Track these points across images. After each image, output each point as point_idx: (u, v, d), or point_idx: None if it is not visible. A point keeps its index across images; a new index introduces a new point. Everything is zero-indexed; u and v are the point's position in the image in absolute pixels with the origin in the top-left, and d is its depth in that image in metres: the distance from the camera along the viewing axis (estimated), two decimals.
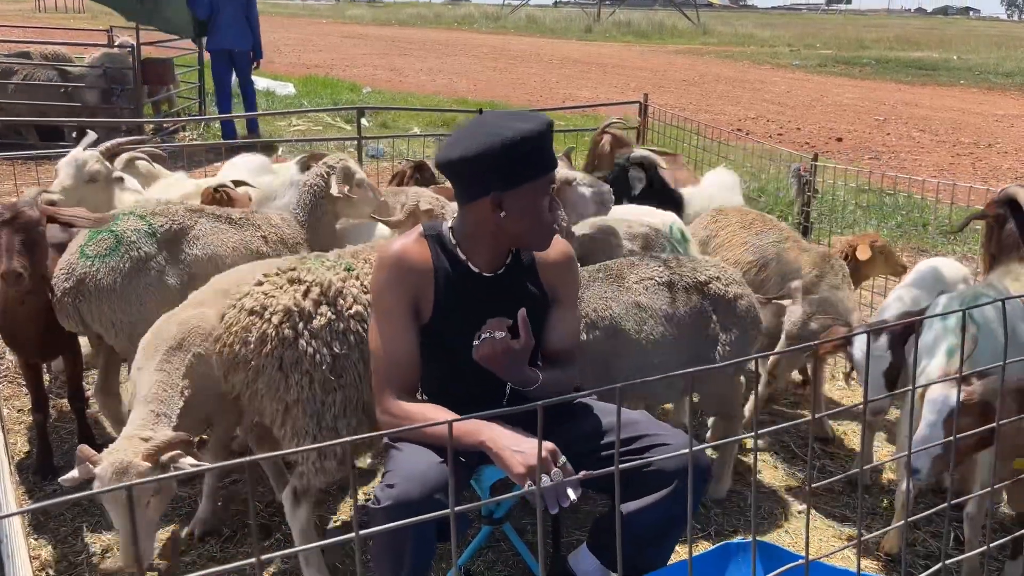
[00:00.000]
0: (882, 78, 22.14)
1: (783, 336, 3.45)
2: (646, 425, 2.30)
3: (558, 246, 2.40)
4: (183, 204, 3.58)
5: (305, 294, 2.54)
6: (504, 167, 2.14)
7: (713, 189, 4.57)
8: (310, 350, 2.49)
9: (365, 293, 2.59)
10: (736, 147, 6.77)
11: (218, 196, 3.96)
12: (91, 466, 2.35)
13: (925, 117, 15.04)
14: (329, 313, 2.54)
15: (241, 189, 4.16)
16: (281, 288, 2.55)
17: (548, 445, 2.03)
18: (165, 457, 2.41)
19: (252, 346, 2.49)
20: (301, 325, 2.50)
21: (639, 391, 3.07)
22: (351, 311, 2.57)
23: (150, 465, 2.36)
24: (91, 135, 4.03)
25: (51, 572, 2.89)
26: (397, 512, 1.97)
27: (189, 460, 2.43)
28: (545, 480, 1.92)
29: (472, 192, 2.20)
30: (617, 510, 1.40)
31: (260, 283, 2.58)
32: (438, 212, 3.59)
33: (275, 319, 2.48)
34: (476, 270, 2.28)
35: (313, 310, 2.53)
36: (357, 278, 2.65)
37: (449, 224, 2.32)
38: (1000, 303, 1.52)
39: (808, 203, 4.88)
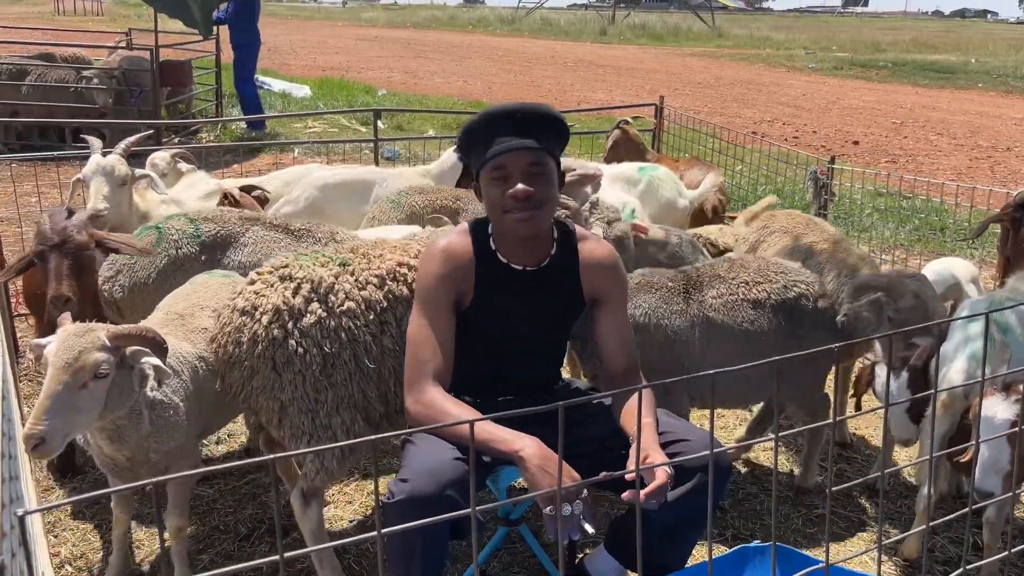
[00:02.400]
0: (899, 81, 22.02)
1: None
2: (666, 423, 2.29)
3: (602, 249, 2.43)
4: (241, 212, 3.60)
5: (295, 291, 2.49)
6: (469, 157, 2.33)
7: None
8: (300, 350, 2.45)
9: (359, 289, 2.55)
10: (752, 150, 6.75)
11: (227, 201, 3.98)
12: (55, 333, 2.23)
13: (943, 120, 14.94)
14: (320, 311, 2.48)
15: (255, 192, 4.19)
16: (271, 286, 2.51)
17: (574, 475, 2.01)
18: (131, 349, 2.27)
19: (245, 347, 2.47)
20: (291, 324, 2.45)
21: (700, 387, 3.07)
22: (343, 307, 2.51)
23: (109, 344, 2.21)
24: (97, 141, 4.06)
25: (70, 569, 2.91)
26: (409, 507, 1.98)
27: (154, 361, 2.28)
28: (566, 508, 1.90)
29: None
30: (638, 512, 1.40)
31: (252, 281, 2.55)
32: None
33: (264, 319, 2.45)
34: (505, 261, 2.33)
35: (303, 308, 2.48)
36: (352, 273, 2.58)
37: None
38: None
39: (825, 206, 4.85)
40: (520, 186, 2.19)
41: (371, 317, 2.54)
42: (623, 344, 2.41)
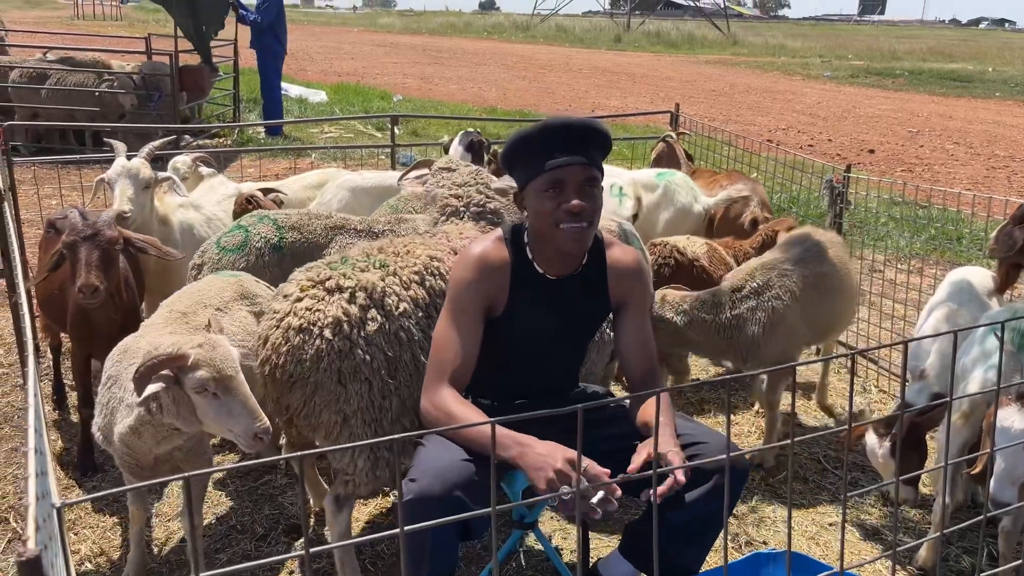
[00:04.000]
0: (915, 90, 21.93)
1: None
2: (682, 426, 2.31)
3: (628, 255, 2.46)
4: (328, 219, 3.58)
5: (350, 300, 2.47)
6: (514, 168, 2.33)
7: None
8: (367, 357, 2.43)
9: (406, 289, 2.57)
10: (766, 158, 6.75)
11: (250, 206, 4.02)
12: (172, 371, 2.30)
13: (959, 130, 14.87)
14: (379, 316, 2.48)
15: (271, 196, 4.23)
16: (322, 300, 2.46)
17: (568, 455, 1.99)
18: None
19: (308, 364, 2.41)
20: (355, 333, 2.43)
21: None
22: (399, 310, 2.52)
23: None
24: (122, 144, 4.12)
25: (89, 566, 2.95)
26: (418, 507, 2.00)
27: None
28: (569, 491, 1.91)
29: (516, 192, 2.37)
30: (655, 513, 1.42)
31: (299, 299, 2.49)
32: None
33: (327, 332, 2.41)
34: (540, 271, 2.37)
35: (363, 316, 2.46)
36: (394, 274, 2.58)
37: (526, 224, 2.41)
38: None
39: (840, 215, 4.85)
40: (576, 201, 2.22)
41: (420, 315, 2.57)
42: (644, 347, 2.44)
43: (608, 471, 1.99)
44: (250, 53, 11.49)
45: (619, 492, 1.96)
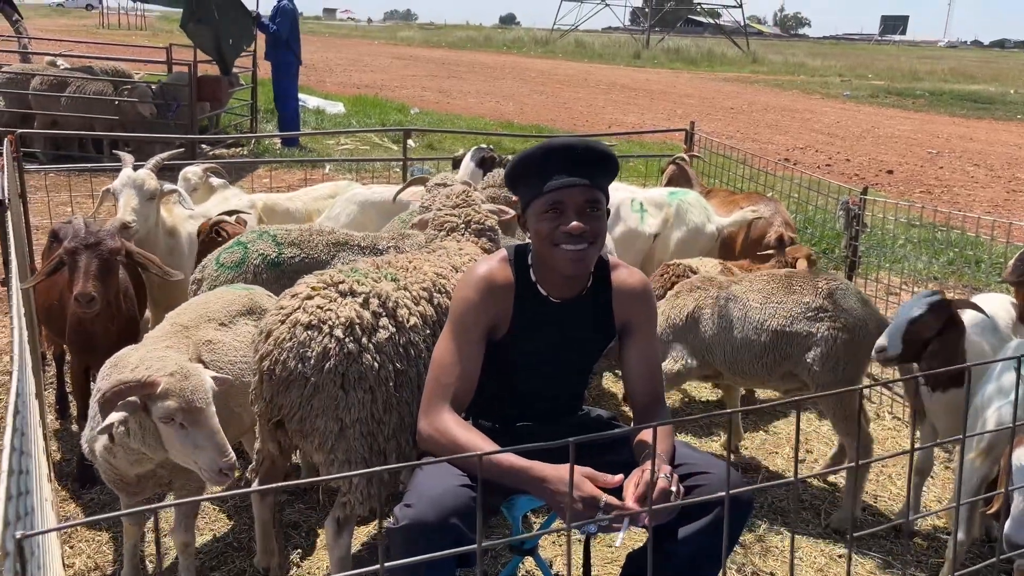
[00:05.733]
0: (936, 111, 21.77)
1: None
2: (686, 455, 2.25)
3: (634, 278, 2.42)
4: (331, 235, 3.55)
5: (364, 305, 2.41)
6: (517, 187, 2.30)
7: None
8: (375, 365, 2.36)
9: (416, 304, 2.52)
10: (782, 177, 6.68)
11: (214, 235, 3.86)
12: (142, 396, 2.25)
13: (980, 152, 14.72)
14: (391, 326, 2.42)
15: (234, 216, 4.05)
16: (335, 301, 2.40)
17: (587, 493, 1.96)
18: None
19: (312, 362, 2.33)
20: (365, 339, 2.37)
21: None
22: (410, 323, 2.47)
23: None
24: (129, 156, 4.11)
25: None
26: (412, 534, 1.96)
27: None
28: (593, 528, 1.90)
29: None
30: (649, 546, 1.37)
31: (309, 297, 2.43)
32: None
33: (338, 332, 2.33)
34: (544, 294, 2.33)
35: (375, 323, 2.40)
36: (405, 288, 2.54)
37: (531, 245, 2.38)
38: None
39: (856, 237, 4.77)
40: (575, 223, 2.18)
41: (427, 332, 2.52)
42: (650, 374, 2.40)
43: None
44: (267, 64, 11.57)
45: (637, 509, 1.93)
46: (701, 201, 5.09)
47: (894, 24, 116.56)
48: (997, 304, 3.49)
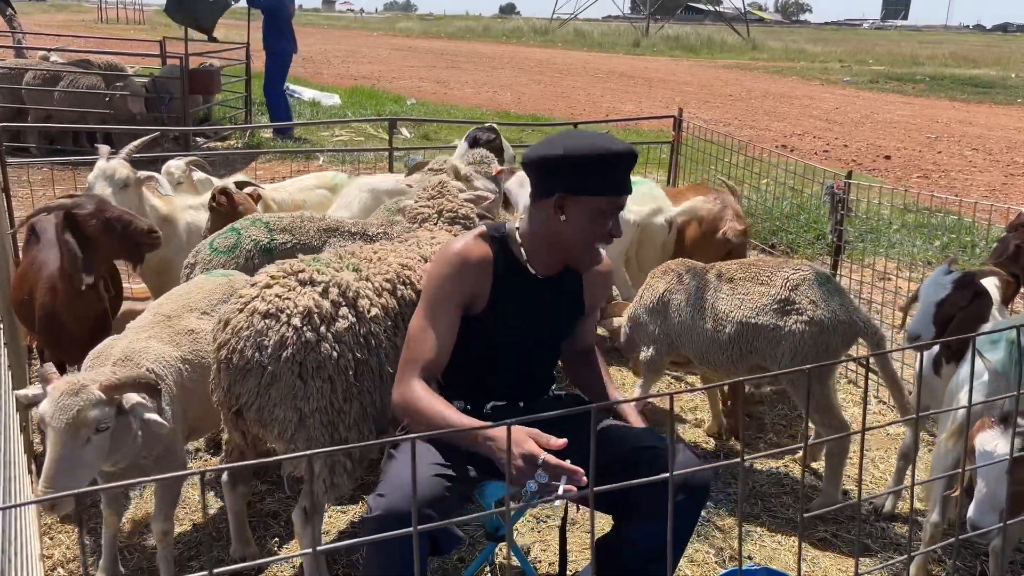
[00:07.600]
0: (936, 95, 21.65)
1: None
2: (647, 438, 2.27)
3: (603, 260, 2.50)
4: (321, 221, 3.57)
5: (323, 294, 2.41)
6: (576, 172, 2.23)
7: None
8: (334, 355, 2.35)
9: (378, 295, 2.53)
10: (774, 164, 6.65)
11: (222, 197, 3.96)
12: (45, 385, 2.22)
13: (979, 136, 14.64)
14: (351, 316, 2.42)
15: (247, 189, 4.18)
16: (293, 289, 2.40)
17: (527, 451, 1.95)
18: (127, 401, 2.25)
19: (269, 351, 2.33)
20: (323, 328, 2.36)
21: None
22: (371, 314, 2.47)
23: (104, 398, 2.19)
24: (104, 147, 4.15)
25: (62, 571, 2.92)
26: (386, 523, 1.96)
27: (153, 417, 2.27)
28: (532, 485, 1.88)
29: (543, 189, 2.28)
30: (592, 527, 1.36)
31: (268, 285, 2.43)
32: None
33: (296, 321, 2.34)
34: (532, 271, 2.36)
35: (334, 312, 2.39)
36: (367, 279, 2.54)
37: (516, 224, 2.40)
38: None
39: (841, 221, 4.74)
40: (619, 226, 2.30)
41: (389, 323, 2.52)
42: (592, 335, 2.68)
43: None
44: (263, 57, 11.54)
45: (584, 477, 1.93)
46: (654, 191, 4.98)
47: (895, 9, 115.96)
48: (988, 284, 3.54)
